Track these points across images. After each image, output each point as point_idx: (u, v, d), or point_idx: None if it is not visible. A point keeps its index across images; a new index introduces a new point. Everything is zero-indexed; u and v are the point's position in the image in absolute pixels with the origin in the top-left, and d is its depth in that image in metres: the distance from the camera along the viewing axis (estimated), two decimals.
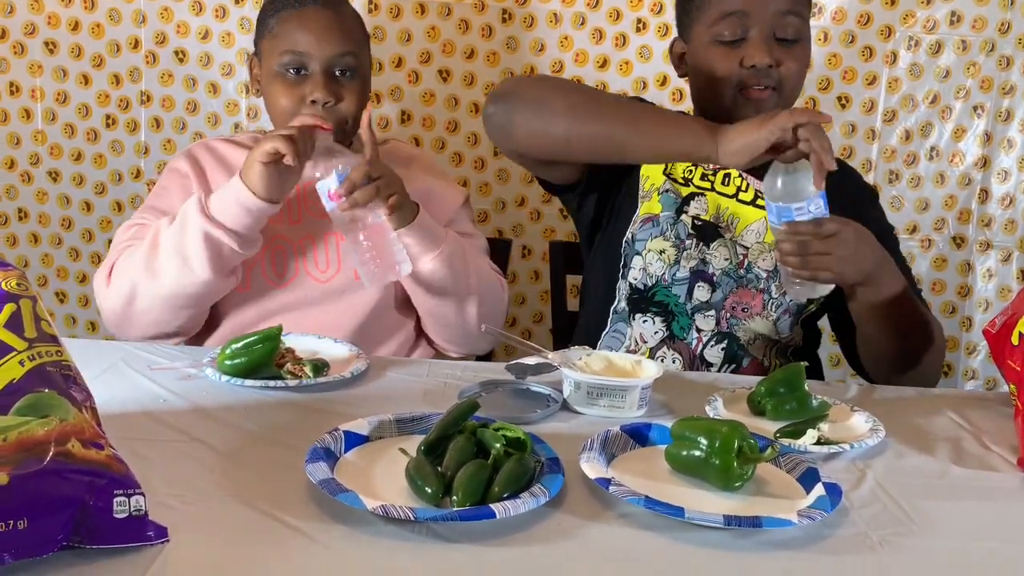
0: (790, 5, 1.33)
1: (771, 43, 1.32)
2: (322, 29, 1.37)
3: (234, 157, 1.45)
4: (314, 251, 1.40)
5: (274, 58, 1.38)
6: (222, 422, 0.98)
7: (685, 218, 1.38)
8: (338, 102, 1.38)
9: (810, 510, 0.82)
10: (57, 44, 1.84)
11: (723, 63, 1.34)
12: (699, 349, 1.37)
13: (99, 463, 0.70)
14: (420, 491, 0.80)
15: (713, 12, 1.34)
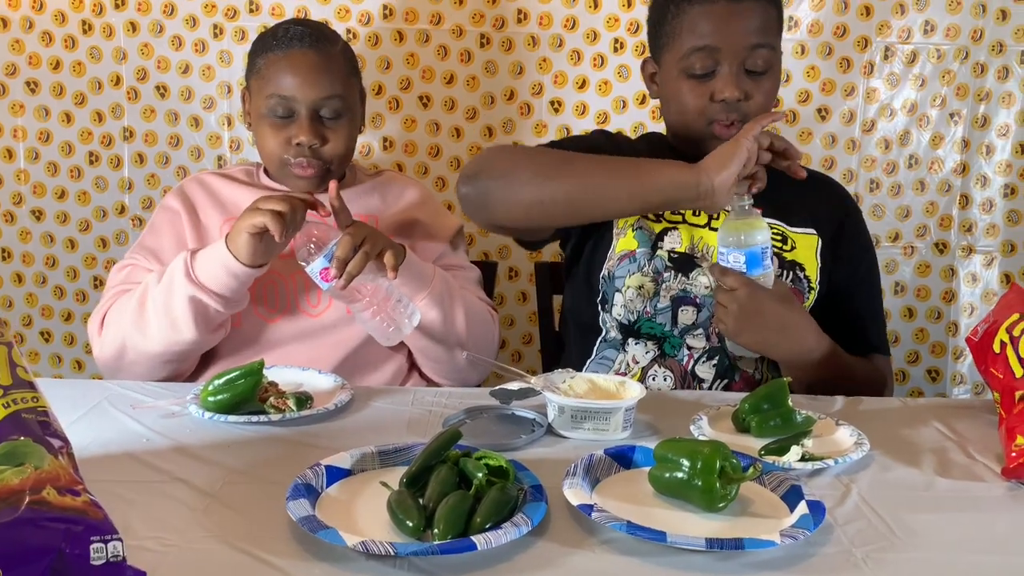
0: (760, 38, 1.33)
1: (740, 77, 1.33)
2: (307, 72, 1.37)
3: (226, 192, 1.46)
4: (306, 285, 1.40)
5: (261, 100, 1.40)
6: (205, 460, 0.98)
7: (661, 252, 1.38)
8: (324, 144, 1.39)
9: (793, 529, 0.82)
10: (39, 83, 1.85)
11: (692, 96, 1.35)
12: (690, 365, 1.37)
13: (75, 510, 0.70)
14: (401, 525, 0.80)
15: (684, 44, 1.34)
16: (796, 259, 1.39)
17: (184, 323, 1.28)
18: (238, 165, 1.59)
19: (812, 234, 1.41)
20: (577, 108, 1.86)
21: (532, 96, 1.86)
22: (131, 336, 1.30)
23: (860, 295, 1.44)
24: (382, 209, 1.48)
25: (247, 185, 1.48)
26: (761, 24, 1.33)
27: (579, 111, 1.86)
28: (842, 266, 1.42)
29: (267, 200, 1.24)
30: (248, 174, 1.52)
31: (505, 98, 1.86)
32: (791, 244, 1.40)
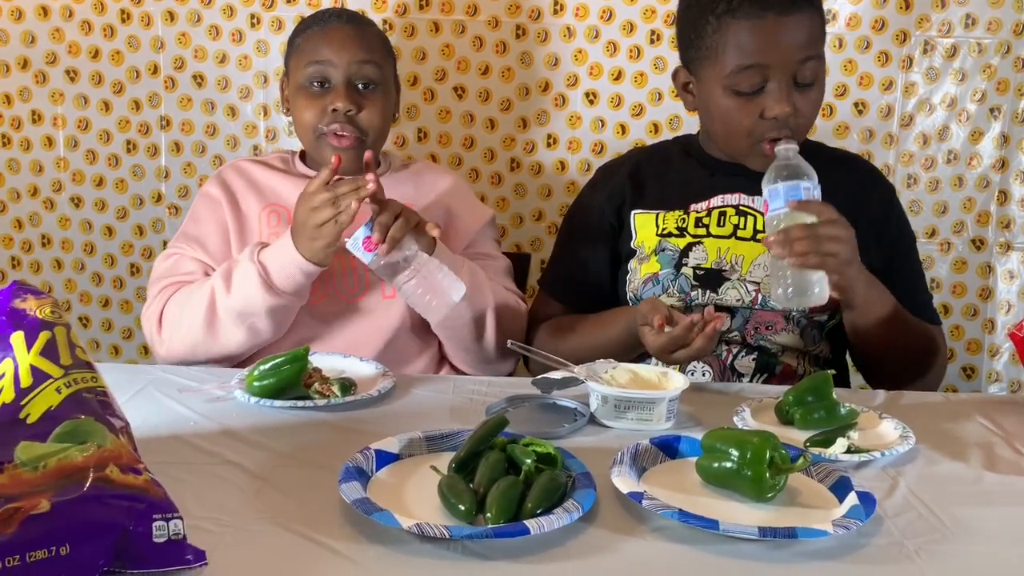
0: (808, 51, 1.28)
1: (790, 92, 1.28)
2: (344, 40, 1.41)
3: (263, 179, 1.48)
4: (341, 268, 1.41)
5: (299, 72, 1.42)
6: (253, 443, 0.99)
7: (686, 270, 1.37)
8: (359, 111, 1.40)
9: (845, 520, 0.82)
10: (78, 72, 1.87)
11: (740, 115, 1.31)
12: (729, 360, 1.36)
13: (138, 488, 0.71)
14: (453, 508, 0.81)
15: (729, 62, 1.29)
16: None
17: (267, 328, 1.31)
18: (274, 153, 1.61)
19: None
20: (612, 100, 1.86)
21: (567, 87, 1.85)
22: (204, 342, 1.32)
23: (904, 271, 1.41)
24: (415, 197, 1.48)
25: (283, 172, 1.50)
26: (809, 35, 1.29)
27: (614, 103, 1.86)
28: (884, 249, 1.39)
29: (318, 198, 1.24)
30: (284, 161, 1.53)
31: (540, 89, 1.86)
32: None
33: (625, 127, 1.87)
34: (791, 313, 1.36)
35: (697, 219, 1.40)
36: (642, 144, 1.84)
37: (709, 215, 1.40)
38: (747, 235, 1.38)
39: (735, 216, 1.39)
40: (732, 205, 1.40)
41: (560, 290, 1.51)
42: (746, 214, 1.39)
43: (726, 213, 1.39)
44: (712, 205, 1.41)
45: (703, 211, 1.40)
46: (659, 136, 1.85)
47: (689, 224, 1.40)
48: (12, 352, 0.79)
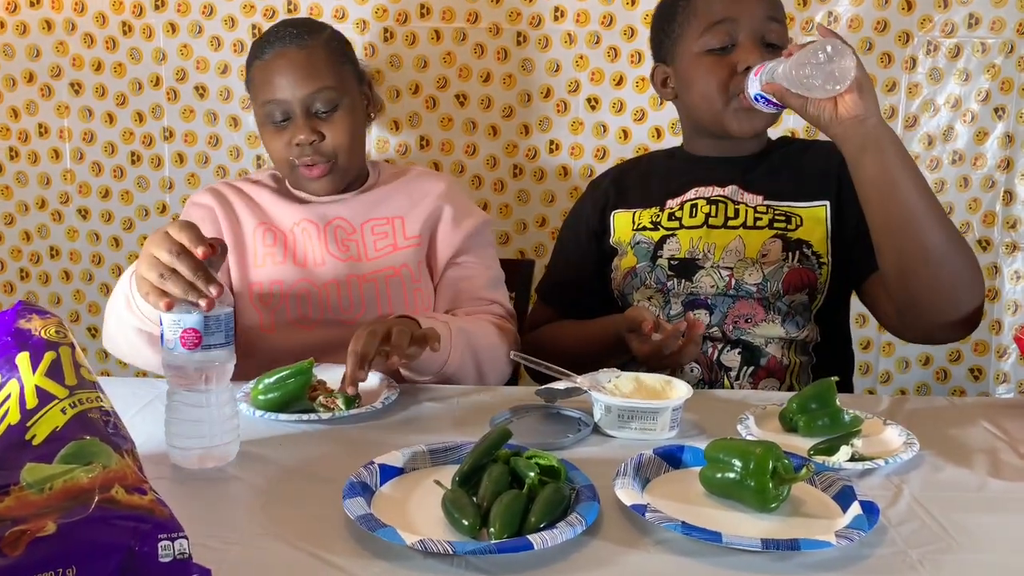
0: (773, 11, 1.38)
1: (761, 48, 1.36)
2: (291, 71, 1.38)
3: (257, 196, 1.48)
4: (338, 292, 1.40)
5: (258, 108, 1.43)
6: (258, 457, 0.99)
7: (661, 261, 1.41)
8: (322, 139, 1.40)
9: (848, 530, 0.81)
10: (83, 84, 1.88)
11: (715, 72, 1.37)
12: (715, 356, 1.38)
13: (143, 508, 0.71)
14: (457, 524, 0.81)
15: (699, 24, 1.38)
16: (801, 236, 1.39)
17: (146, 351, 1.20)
18: (264, 170, 1.60)
19: (821, 205, 1.41)
20: (614, 105, 1.86)
21: (568, 93, 1.86)
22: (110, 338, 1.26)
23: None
24: (408, 208, 1.47)
25: (274, 191, 1.48)
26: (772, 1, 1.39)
27: (616, 108, 1.86)
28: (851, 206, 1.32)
29: (160, 252, 0.96)
30: (276, 179, 1.52)
31: (542, 95, 1.86)
32: (795, 223, 1.40)
33: (627, 132, 1.87)
34: (767, 299, 1.37)
35: (670, 213, 1.44)
36: (645, 149, 1.84)
37: (682, 208, 1.44)
38: (718, 223, 1.41)
39: (706, 206, 1.42)
40: (704, 197, 1.44)
41: (552, 296, 1.57)
42: (717, 203, 1.42)
43: (697, 204, 1.43)
44: (685, 199, 1.45)
45: (676, 206, 1.45)
46: (661, 141, 1.85)
47: (663, 219, 1.44)
48: (18, 373, 0.79)
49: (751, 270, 1.37)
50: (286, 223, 1.45)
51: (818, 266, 1.38)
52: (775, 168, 1.45)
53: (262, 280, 1.41)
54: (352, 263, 1.42)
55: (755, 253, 1.38)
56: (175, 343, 0.94)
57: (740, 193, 1.43)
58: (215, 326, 0.94)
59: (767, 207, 1.41)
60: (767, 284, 1.37)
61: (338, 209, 1.46)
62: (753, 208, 1.41)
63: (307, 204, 1.47)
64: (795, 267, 1.36)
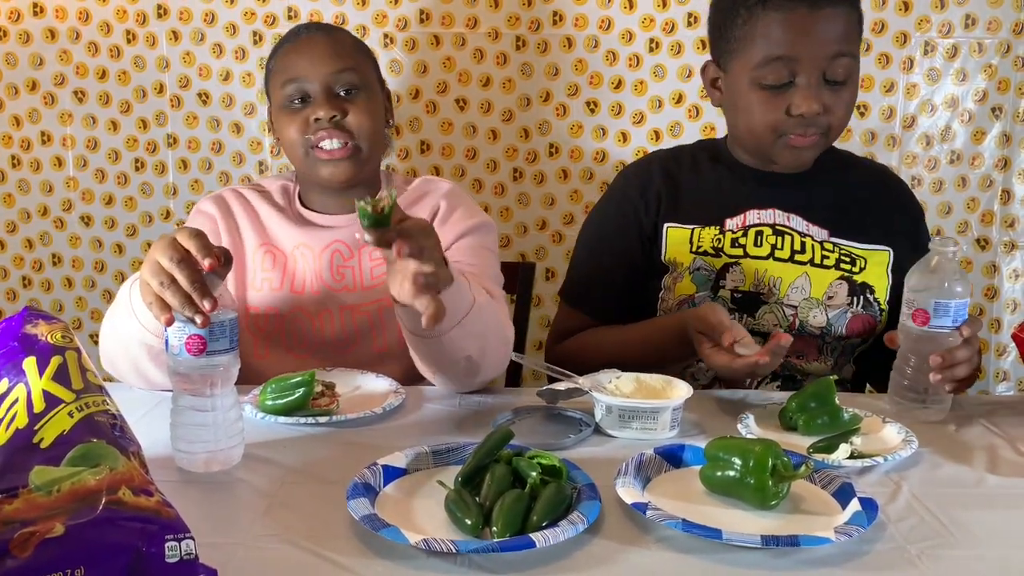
0: (841, 47, 1.25)
1: (820, 89, 1.25)
2: (316, 52, 1.35)
3: (263, 214, 1.43)
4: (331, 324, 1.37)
5: (278, 93, 1.37)
6: (262, 460, 1.00)
7: (723, 293, 1.33)
8: (344, 116, 1.33)
9: (847, 526, 0.82)
10: (86, 92, 1.89)
11: (766, 110, 1.28)
12: (753, 385, 1.34)
13: (150, 509, 0.72)
14: (460, 523, 0.82)
15: (757, 53, 1.26)
16: (867, 280, 1.36)
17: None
18: (276, 177, 1.56)
19: (884, 250, 1.37)
20: (613, 108, 1.87)
21: (568, 97, 1.87)
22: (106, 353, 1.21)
23: None
24: None
25: (280, 210, 1.43)
26: (843, 31, 1.25)
27: (615, 111, 1.87)
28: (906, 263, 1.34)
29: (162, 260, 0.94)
30: (285, 193, 1.46)
31: (541, 100, 1.87)
32: (860, 264, 1.36)
33: (626, 135, 1.88)
34: (824, 340, 1.35)
35: (733, 239, 1.36)
36: (644, 152, 1.85)
37: (745, 234, 1.36)
38: (784, 256, 1.35)
39: (772, 236, 1.36)
40: (768, 224, 1.37)
41: (588, 302, 1.43)
42: (783, 233, 1.36)
43: (763, 232, 1.36)
44: (748, 223, 1.37)
45: (739, 230, 1.36)
46: (660, 143, 1.86)
47: (725, 244, 1.35)
48: (25, 377, 0.80)
49: (816, 311, 1.33)
50: (287, 245, 1.40)
51: (879, 312, 1.35)
52: (837, 199, 1.38)
53: (258, 305, 1.38)
54: (347, 293, 1.37)
55: (821, 294, 1.33)
56: (180, 348, 0.95)
57: (806, 225, 1.37)
58: (220, 332, 0.95)
59: (833, 245, 1.35)
60: (831, 328, 1.33)
61: (341, 234, 1.39)
62: (820, 243, 1.35)
63: (310, 226, 1.41)
64: (859, 313, 1.33)
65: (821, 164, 1.39)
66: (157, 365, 1.14)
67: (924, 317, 1.12)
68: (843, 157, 1.48)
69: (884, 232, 1.38)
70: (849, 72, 1.27)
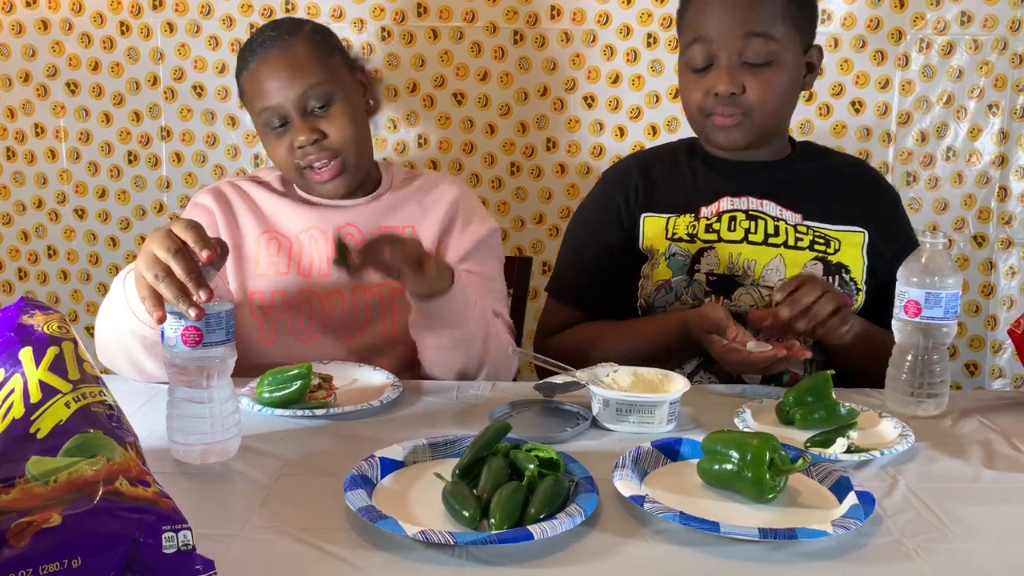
0: (756, 27, 1.32)
1: (736, 70, 1.32)
2: (278, 74, 1.34)
3: (263, 201, 1.43)
4: (341, 305, 1.38)
5: (255, 116, 1.39)
6: (259, 452, 1.00)
7: (699, 276, 1.37)
8: (323, 137, 1.36)
9: (844, 520, 0.82)
10: (79, 85, 1.88)
11: (693, 90, 1.37)
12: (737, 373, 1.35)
13: (147, 500, 0.72)
14: (458, 515, 0.82)
15: (685, 38, 1.38)
16: (841, 261, 1.38)
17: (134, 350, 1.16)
18: (271, 168, 1.54)
19: (859, 231, 1.40)
20: (610, 103, 1.87)
21: (565, 92, 1.87)
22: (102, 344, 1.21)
23: None
24: (419, 216, 1.44)
25: (282, 196, 1.44)
26: (758, 13, 1.32)
27: (612, 106, 1.87)
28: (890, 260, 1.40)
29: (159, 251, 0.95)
30: (284, 182, 1.48)
31: (538, 94, 1.87)
32: (835, 246, 1.39)
33: (623, 130, 1.88)
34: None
35: (707, 224, 1.40)
36: (640, 147, 1.85)
37: (719, 220, 1.40)
38: (758, 239, 1.38)
39: (745, 220, 1.39)
40: (741, 210, 1.40)
41: (575, 296, 1.47)
42: (756, 218, 1.40)
43: (736, 217, 1.39)
44: (722, 208, 1.41)
45: (713, 216, 1.40)
46: (657, 138, 1.86)
47: (700, 229, 1.40)
48: (21, 368, 0.80)
49: None
50: (292, 230, 1.41)
51: (855, 291, 1.38)
52: (809, 184, 1.42)
53: (263, 290, 1.38)
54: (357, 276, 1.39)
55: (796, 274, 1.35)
56: (176, 340, 0.94)
57: (779, 209, 1.40)
58: (216, 323, 0.95)
59: (807, 228, 1.39)
60: None
61: (348, 216, 1.42)
62: (793, 227, 1.39)
63: (317, 208, 1.43)
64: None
65: (795, 153, 1.47)
66: (152, 356, 1.14)
67: (916, 308, 1.13)
68: (818, 148, 1.55)
69: (858, 215, 1.41)
70: (770, 55, 1.33)
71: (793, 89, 1.40)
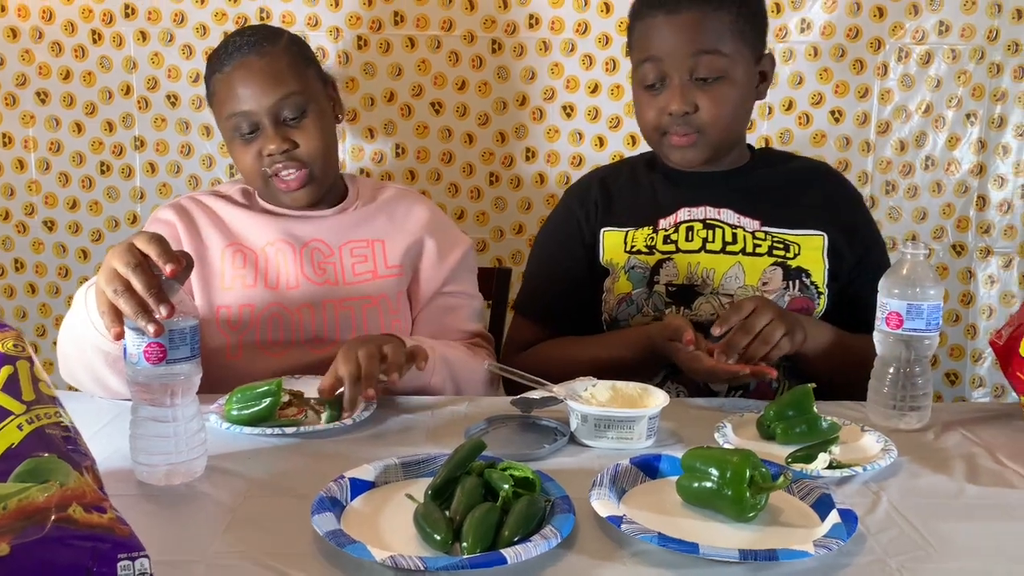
0: (703, 45, 1.32)
1: (688, 88, 1.33)
2: (255, 80, 1.33)
3: (226, 214, 1.42)
4: (312, 317, 1.36)
5: (223, 122, 1.38)
6: (226, 472, 0.97)
7: (659, 288, 1.37)
8: (295, 147, 1.35)
9: (826, 539, 0.80)
10: (49, 94, 1.84)
11: (647, 109, 1.38)
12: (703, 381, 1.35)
13: (102, 527, 0.69)
14: (429, 538, 0.79)
15: (636, 58, 1.39)
16: (801, 265, 1.37)
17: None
18: (233, 181, 1.54)
19: (818, 235, 1.40)
20: (589, 112, 1.85)
21: (544, 101, 1.85)
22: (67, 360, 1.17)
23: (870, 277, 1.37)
24: (389, 230, 1.43)
25: (245, 208, 1.43)
26: (704, 31, 1.33)
27: (591, 115, 1.85)
28: (854, 262, 1.41)
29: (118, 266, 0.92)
30: (246, 194, 1.46)
31: (517, 103, 1.85)
32: (795, 250, 1.38)
33: (603, 139, 1.86)
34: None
35: (665, 236, 1.40)
36: (620, 156, 1.83)
37: (677, 230, 1.40)
38: (716, 248, 1.38)
39: (703, 230, 1.39)
40: (699, 220, 1.41)
41: (540, 312, 1.48)
42: (713, 227, 1.40)
43: (693, 227, 1.40)
44: (679, 219, 1.41)
45: (670, 227, 1.41)
46: (637, 147, 1.85)
47: (658, 241, 1.40)
48: None
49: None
50: (257, 242, 1.39)
51: (816, 295, 1.37)
52: (767, 190, 1.43)
53: (230, 303, 1.36)
54: (328, 287, 1.37)
55: (756, 281, 1.36)
56: (139, 357, 0.91)
57: (736, 216, 1.41)
58: (180, 339, 0.92)
59: (765, 233, 1.39)
60: None
61: (315, 229, 1.41)
62: (751, 234, 1.39)
63: (281, 219, 1.41)
64: (796, 296, 1.35)
65: (753, 160, 1.48)
66: (115, 372, 1.11)
67: (898, 320, 1.12)
68: (776, 154, 1.57)
69: (817, 218, 1.41)
70: (720, 70, 1.34)
71: (746, 101, 1.40)
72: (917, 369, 1.13)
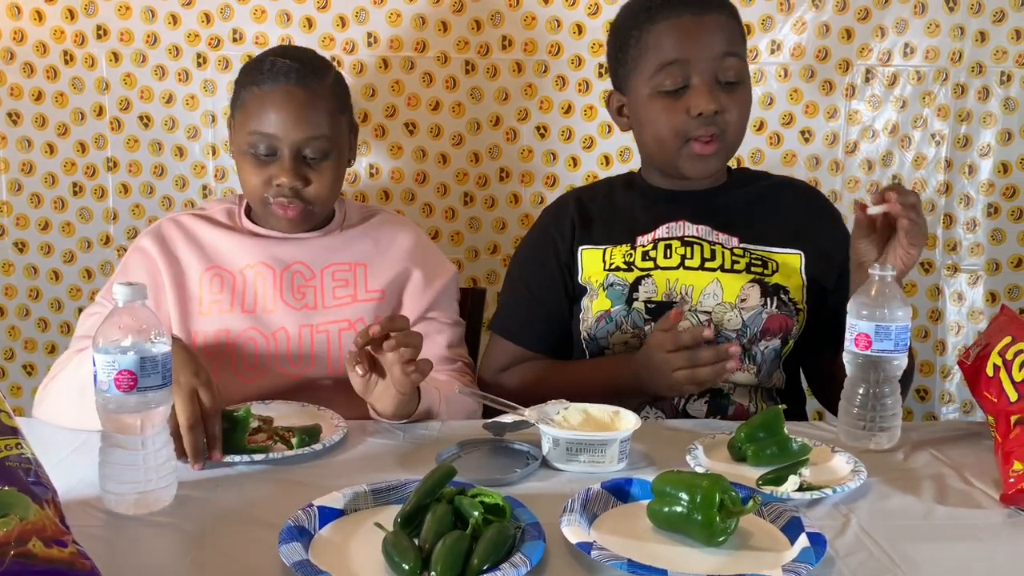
0: (727, 47, 1.33)
1: (715, 89, 1.32)
2: (292, 111, 1.31)
3: (207, 237, 1.41)
4: (287, 343, 1.35)
5: (243, 135, 1.34)
6: (193, 501, 0.96)
7: (637, 305, 1.37)
8: (306, 185, 1.34)
9: (795, 564, 0.81)
10: (20, 114, 1.83)
11: (668, 115, 1.34)
12: (681, 404, 1.35)
13: (62, 562, 0.68)
14: (397, 568, 0.79)
15: (652, 63, 1.33)
16: (779, 282, 1.38)
17: None
18: (219, 200, 1.54)
19: (795, 253, 1.41)
20: (563, 133, 1.86)
21: (518, 122, 1.86)
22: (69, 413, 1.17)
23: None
24: (372, 255, 1.43)
25: (228, 229, 1.42)
26: (728, 34, 1.33)
27: (565, 136, 1.86)
28: (834, 277, 1.41)
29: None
30: (229, 215, 1.45)
31: (491, 124, 1.86)
32: (772, 267, 1.39)
33: (576, 160, 1.87)
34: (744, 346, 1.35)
35: (644, 252, 1.40)
36: (594, 176, 1.85)
37: (655, 247, 1.40)
38: (695, 264, 1.38)
39: (681, 247, 1.39)
40: (677, 237, 1.41)
41: (515, 332, 1.47)
42: (692, 244, 1.40)
43: (672, 245, 1.40)
44: (657, 236, 1.41)
45: (649, 244, 1.41)
46: (610, 168, 1.86)
47: (636, 258, 1.39)
48: None
49: (730, 315, 1.34)
50: (237, 264, 1.38)
51: (795, 312, 1.37)
52: (746, 207, 1.43)
53: (207, 329, 1.35)
54: (307, 311, 1.36)
55: (733, 297, 1.35)
56: (109, 384, 0.90)
57: (715, 234, 1.40)
58: (151, 367, 0.91)
59: (744, 250, 1.39)
60: (747, 329, 1.34)
61: (297, 252, 1.40)
62: (730, 251, 1.39)
63: (264, 241, 1.40)
64: (774, 313, 1.35)
65: (731, 179, 1.48)
66: None
67: (866, 341, 1.13)
68: (753, 173, 1.57)
69: (795, 235, 1.42)
70: (739, 73, 1.34)
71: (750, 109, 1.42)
72: (886, 390, 1.14)
